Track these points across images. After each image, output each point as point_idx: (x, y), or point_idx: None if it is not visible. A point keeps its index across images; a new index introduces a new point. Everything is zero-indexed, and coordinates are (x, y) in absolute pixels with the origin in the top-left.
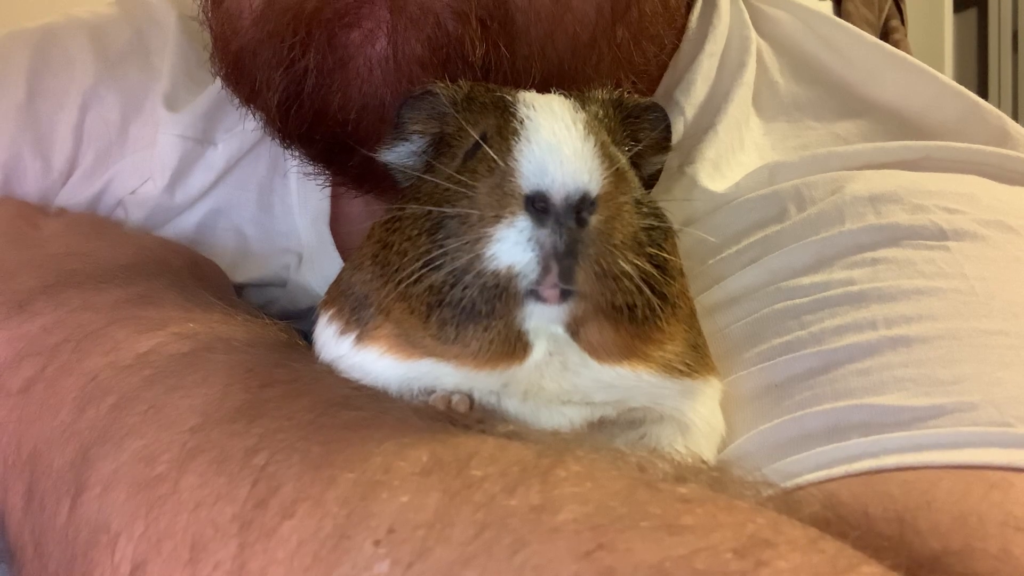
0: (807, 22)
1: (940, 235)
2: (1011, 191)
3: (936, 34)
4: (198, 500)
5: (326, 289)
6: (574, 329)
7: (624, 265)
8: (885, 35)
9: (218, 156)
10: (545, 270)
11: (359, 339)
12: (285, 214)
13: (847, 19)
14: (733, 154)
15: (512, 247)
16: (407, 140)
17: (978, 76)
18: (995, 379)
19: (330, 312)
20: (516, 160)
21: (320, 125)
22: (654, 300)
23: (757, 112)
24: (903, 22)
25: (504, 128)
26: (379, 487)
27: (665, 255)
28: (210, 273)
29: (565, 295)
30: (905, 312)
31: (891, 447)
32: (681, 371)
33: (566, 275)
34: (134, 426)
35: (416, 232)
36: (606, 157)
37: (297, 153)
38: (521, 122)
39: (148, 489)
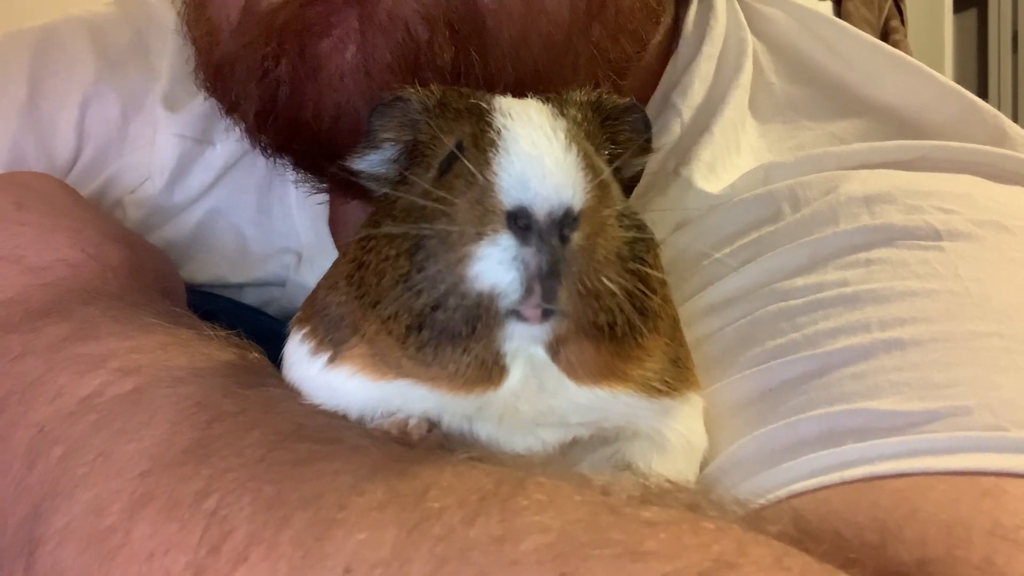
0: (803, 21)
1: (935, 236)
2: (1007, 191)
3: (936, 34)
4: (150, 550)
5: None
6: (554, 349)
7: (607, 283)
8: (885, 35)
9: (217, 156)
10: (528, 290)
11: (332, 359)
12: (284, 214)
13: (847, 19)
14: (728, 156)
15: (495, 266)
16: (379, 148)
17: (978, 76)
18: (990, 382)
19: (304, 330)
20: (495, 174)
21: (297, 135)
22: (635, 317)
23: (753, 114)
24: (903, 22)
25: (480, 138)
26: (334, 525)
27: (647, 269)
28: (152, 272)
29: (547, 314)
30: (899, 314)
31: (886, 453)
32: (660, 390)
33: (549, 294)
34: (83, 476)
35: (394, 252)
36: (589, 168)
37: (281, 161)
38: (498, 132)
39: (100, 542)
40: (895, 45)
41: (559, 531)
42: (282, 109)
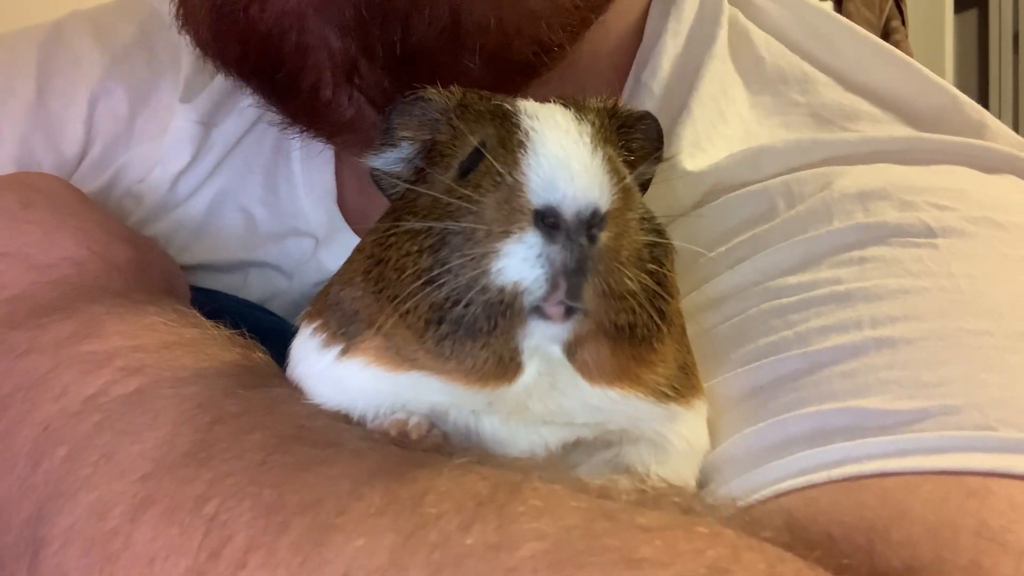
0: (795, 12)
1: (928, 233)
2: (999, 183)
3: (936, 34)
4: (151, 554)
5: None
6: (571, 349)
7: (630, 284)
8: (886, 35)
9: (219, 135)
10: (553, 287)
11: (344, 351)
12: (291, 194)
13: (847, 19)
14: (714, 128)
15: (520, 263)
16: (396, 146)
17: (978, 76)
18: (979, 381)
19: (315, 324)
20: (524, 174)
21: (249, 51)
22: (655, 319)
23: (745, 85)
24: (904, 22)
25: (507, 139)
26: (333, 531)
27: (666, 272)
28: (157, 271)
29: (568, 313)
30: (890, 312)
31: (874, 452)
32: (668, 395)
33: (573, 292)
34: (87, 478)
35: (416, 248)
36: (614, 172)
37: (251, 93)
38: (526, 134)
39: (102, 545)
40: (896, 45)
41: (555, 538)
42: (230, 26)
